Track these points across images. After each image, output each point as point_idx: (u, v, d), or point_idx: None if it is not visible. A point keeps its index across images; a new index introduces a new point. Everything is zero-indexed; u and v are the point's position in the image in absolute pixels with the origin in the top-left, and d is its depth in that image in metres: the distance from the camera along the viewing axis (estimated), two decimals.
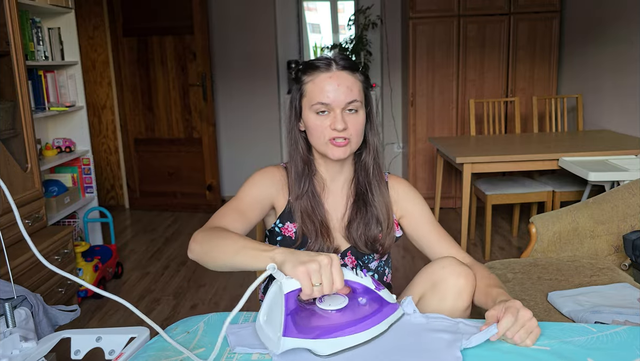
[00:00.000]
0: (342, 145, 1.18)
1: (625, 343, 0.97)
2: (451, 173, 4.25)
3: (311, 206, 1.24)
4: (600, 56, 3.61)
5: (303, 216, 1.23)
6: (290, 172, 1.28)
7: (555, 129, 3.74)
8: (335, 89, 1.16)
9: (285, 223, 1.27)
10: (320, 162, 1.28)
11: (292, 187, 1.26)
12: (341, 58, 1.20)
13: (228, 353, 0.96)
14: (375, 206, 1.27)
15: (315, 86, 1.18)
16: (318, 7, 4.93)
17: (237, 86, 4.72)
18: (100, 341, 1.05)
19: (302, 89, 1.22)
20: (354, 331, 0.91)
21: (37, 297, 1.78)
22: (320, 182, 1.28)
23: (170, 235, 3.94)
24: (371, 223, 1.27)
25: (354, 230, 1.26)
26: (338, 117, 1.16)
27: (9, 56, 2.37)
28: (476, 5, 4.05)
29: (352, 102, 1.17)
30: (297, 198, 1.25)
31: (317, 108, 1.18)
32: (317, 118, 1.19)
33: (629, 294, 1.63)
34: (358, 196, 1.29)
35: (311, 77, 1.19)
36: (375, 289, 0.98)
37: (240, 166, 4.81)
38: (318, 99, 1.17)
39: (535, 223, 2.11)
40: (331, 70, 1.18)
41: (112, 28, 4.34)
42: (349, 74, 1.19)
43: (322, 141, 1.20)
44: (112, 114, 4.58)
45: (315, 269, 0.87)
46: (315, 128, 1.19)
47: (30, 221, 2.44)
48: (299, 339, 0.87)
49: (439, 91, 4.21)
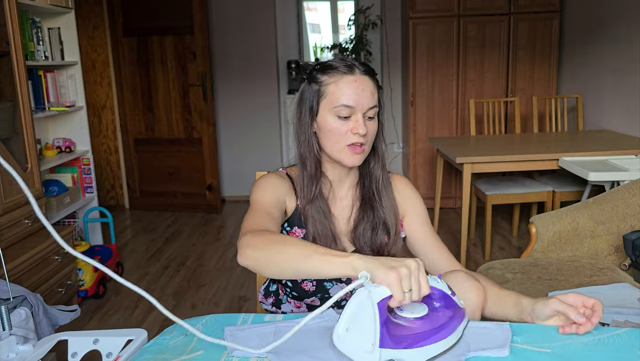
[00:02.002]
0: (359, 152, 1.16)
1: (626, 345, 0.96)
2: (451, 173, 4.25)
3: (322, 211, 1.22)
4: (600, 56, 3.61)
5: (315, 221, 1.21)
6: (299, 175, 1.24)
7: (555, 129, 3.74)
8: (360, 93, 1.14)
9: (293, 228, 1.25)
10: (327, 166, 1.25)
11: (303, 190, 1.22)
12: (361, 63, 1.18)
13: (226, 355, 0.96)
14: (383, 211, 1.25)
15: (339, 88, 1.15)
16: (318, 7, 4.93)
17: (237, 86, 4.72)
18: (97, 343, 1.04)
19: (321, 90, 1.18)
20: (438, 339, 0.89)
21: (37, 297, 1.78)
22: (327, 185, 1.26)
23: (170, 235, 3.94)
24: (378, 228, 1.25)
25: (361, 235, 1.24)
26: (360, 122, 1.14)
27: (9, 56, 2.37)
28: (476, 5, 4.05)
29: (372, 107, 1.16)
30: (309, 201, 1.22)
31: (339, 111, 1.15)
32: (337, 121, 1.16)
33: (629, 294, 1.62)
34: (364, 200, 1.27)
35: (333, 78, 1.16)
36: (451, 295, 0.96)
37: (240, 166, 4.81)
38: (343, 102, 1.14)
39: (535, 223, 2.11)
40: (355, 73, 1.16)
41: (112, 28, 4.34)
42: (370, 79, 1.17)
43: (339, 146, 1.17)
44: (112, 114, 4.58)
45: (406, 275, 0.83)
46: (333, 132, 1.16)
47: (30, 221, 2.44)
48: (393, 350, 0.85)
49: (439, 91, 4.21)
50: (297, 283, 1.25)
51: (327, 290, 1.25)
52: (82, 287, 2.76)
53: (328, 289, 1.25)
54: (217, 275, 3.17)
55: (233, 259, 3.41)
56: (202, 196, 4.48)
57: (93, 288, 2.81)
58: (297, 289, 1.26)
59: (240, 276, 3.14)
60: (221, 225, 4.19)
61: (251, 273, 3.06)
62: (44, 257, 2.38)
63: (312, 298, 1.25)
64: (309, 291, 1.25)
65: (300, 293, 1.26)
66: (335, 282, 1.25)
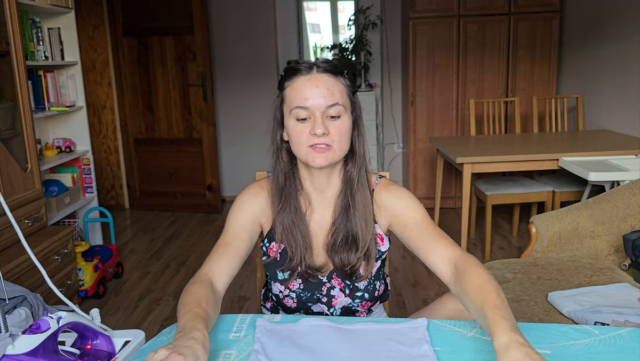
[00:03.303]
0: (322, 150, 1.09)
1: (628, 347, 0.95)
2: (451, 173, 4.25)
3: (292, 222, 1.17)
4: (600, 56, 3.61)
5: (284, 232, 1.17)
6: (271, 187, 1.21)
7: (555, 129, 3.73)
8: (314, 92, 1.09)
9: (271, 243, 1.21)
10: (305, 175, 1.20)
11: (273, 201, 1.19)
12: (323, 61, 1.13)
13: (224, 355, 0.96)
14: (354, 222, 1.17)
15: (294, 89, 1.11)
16: (318, 7, 4.93)
17: (237, 86, 4.72)
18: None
19: (282, 95, 1.15)
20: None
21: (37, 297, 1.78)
22: (306, 198, 1.21)
23: (170, 235, 3.94)
24: (350, 243, 1.17)
25: (335, 254, 1.18)
26: (318, 121, 1.08)
27: (9, 56, 2.37)
28: (476, 5, 4.05)
29: (333, 105, 1.09)
30: (278, 212, 1.18)
31: (297, 113, 1.10)
32: (297, 124, 1.11)
33: (629, 294, 1.62)
34: (340, 213, 1.19)
35: (290, 81, 1.13)
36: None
37: (240, 166, 4.81)
38: (297, 103, 1.10)
39: (535, 223, 2.11)
40: (311, 73, 1.11)
41: (112, 28, 4.34)
42: (330, 77, 1.11)
43: (302, 148, 1.11)
44: (112, 114, 4.58)
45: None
46: (295, 135, 1.12)
47: (30, 221, 2.44)
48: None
49: (439, 91, 4.21)
50: (279, 299, 1.24)
51: (309, 307, 1.24)
52: (82, 287, 2.76)
53: (310, 306, 1.24)
54: None
55: None
56: (202, 196, 4.48)
57: (93, 288, 2.81)
58: (280, 305, 1.26)
59: (240, 276, 3.13)
60: (221, 225, 4.17)
61: (251, 273, 3.06)
62: (44, 257, 2.38)
63: (294, 313, 1.25)
64: (291, 307, 1.24)
65: (285, 308, 1.26)
66: (315, 299, 1.23)
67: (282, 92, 1.15)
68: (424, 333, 1.01)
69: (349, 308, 1.23)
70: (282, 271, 1.21)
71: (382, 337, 1.00)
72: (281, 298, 1.23)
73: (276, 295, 1.24)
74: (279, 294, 1.23)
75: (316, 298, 1.22)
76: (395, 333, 1.02)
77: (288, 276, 1.20)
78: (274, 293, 1.25)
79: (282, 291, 1.23)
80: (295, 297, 1.22)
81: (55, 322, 0.90)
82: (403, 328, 1.04)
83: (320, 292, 1.22)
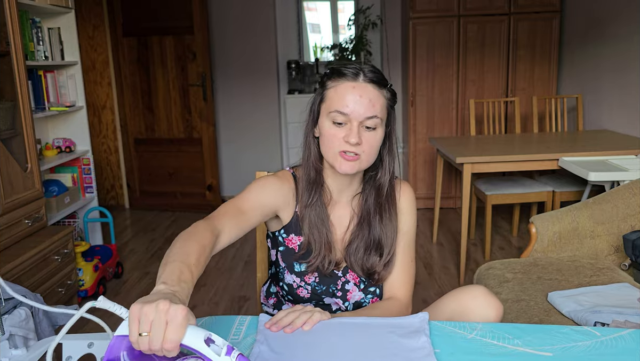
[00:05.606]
0: (351, 160, 1.12)
1: (629, 348, 0.95)
2: (451, 173, 4.25)
3: (318, 217, 1.19)
4: (600, 56, 3.61)
5: (311, 226, 1.19)
6: (300, 179, 1.22)
7: (555, 129, 3.73)
8: (357, 100, 1.10)
9: (290, 235, 1.23)
10: (328, 172, 1.22)
11: (301, 195, 1.21)
12: (370, 70, 1.13)
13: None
14: (379, 230, 1.21)
15: (337, 93, 1.12)
16: (318, 7, 4.93)
17: (237, 86, 4.72)
18: (92, 347, 1.01)
19: (323, 94, 1.16)
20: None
21: (37, 297, 1.79)
22: (327, 193, 1.23)
23: (170, 235, 3.94)
24: (371, 248, 1.21)
25: (352, 253, 1.22)
26: (354, 131, 1.10)
27: (9, 56, 2.37)
28: (476, 5, 4.05)
29: (371, 117, 1.11)
30: (306, 206, 1.20)
31: (334, 117, 1.12)
32: (332, 127, 1.13)
33: (629, 294, 1.63)
34: (363, 217, 1.23)
35: (335, 83, 1.14)
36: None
37: (240, 166, 4.81)
38: (337, 107, 1.11)
39: (535, 223, 2.11)
40: (357, 80, 1.12)
41: (112, 28, 4.34)
42: (374, 88, 1.12)
43: (332, 152, 1.13)
44: (112, 114, 4.58)
45: (147, 314, 0.69)
46: (328, 137, 1.14)
47: (30, 221, 2.44)
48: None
49: (439, 91, 4.21)
50: (292, 288, 1.24)
51: (322, 298, 1.24)
52: (82, 287, 2.76)
53: (323, 298, 1.24)
54: (217, 275, 3.17)
55: (233, 260, 3.41)
56: (202, 196, 4.48)
57: (93, 288, 2.81)
58: (292, 294, 1.26)
59: (240, 276, 3.14)
60: None
61: (251, 273, 3.06)
62: (44, 257, 2.38)
63: (306, 304, 1.25)
64: (304, 298, 1.24)
65: (296, 298, 1.25)
66: (331, 293, 1.24)
67: (324, 91, 1.16)
68: (424, 325, 1.03)
69: (360, 303, 1.25)
70: (300, 263, 1.22)
71: (384, 330, 1.02)
72: (295, 287, 1.24)
73: (289, 284, 1.24)
74: (292, 284, 1.24)
75: (331, 291, 1.24)
76: (396, 327, 1.03)
77: (305, 268, 1.22)
78: (286, 283, 1.25)
79: (296, 281, 1.24)
80: (310, 289, 1.23)
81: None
82: (404, 321, 1.05)
83: (335, 286, 1.24)
